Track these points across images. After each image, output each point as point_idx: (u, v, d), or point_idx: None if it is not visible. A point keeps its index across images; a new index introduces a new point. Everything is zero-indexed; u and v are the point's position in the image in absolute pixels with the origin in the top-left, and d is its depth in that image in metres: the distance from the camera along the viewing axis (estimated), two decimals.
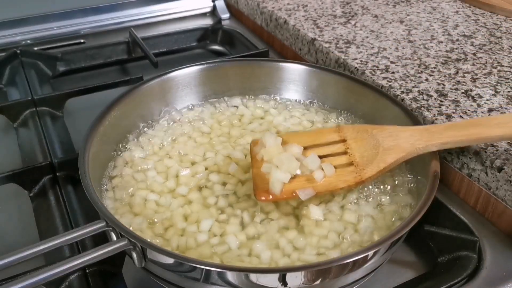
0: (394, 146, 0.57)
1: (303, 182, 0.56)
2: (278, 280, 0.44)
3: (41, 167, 0.64)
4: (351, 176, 0.56)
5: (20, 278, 0.42)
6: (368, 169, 0.56)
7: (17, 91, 0.86)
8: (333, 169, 0.56)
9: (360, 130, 0.60)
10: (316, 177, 0.55)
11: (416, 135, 0.57)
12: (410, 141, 0.56)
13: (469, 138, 0.55)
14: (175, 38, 1.00)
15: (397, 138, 0.57)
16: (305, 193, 0.54)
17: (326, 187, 0.56)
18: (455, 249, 0.56)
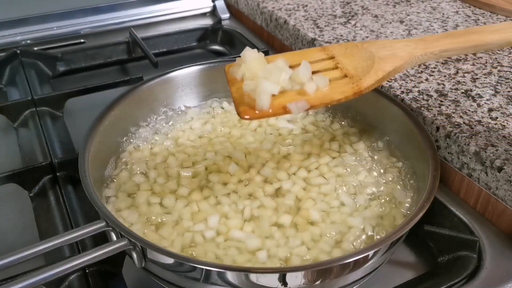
0: (390, 56, 0.54)
1: (294, 95, 0.51)
2: (278, 280, 0.44)
3: (41, 167, 0.64)
4: (348, 86, 0.52)
5: (20, 278, 0.42)
6: (365, 78, 0.53)
7: (17, 91, 0.86)
8: (327, 80, 0.52)
9: (349, 46, 0.57)
10: (309, 88, 0.51)
11: (412, 45, 0.55)
12: (407, 50, 0.54)
13: (467, 45, 0.54)
14: (175, 38, 1.00)
15: (392, 48, 0.55)
16: (298, 106, 0.50)
17: (321, 100, 0.51)
18: (455, 249, 0.56)
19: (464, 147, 0.60)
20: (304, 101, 0.50)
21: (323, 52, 0.57)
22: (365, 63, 0.54)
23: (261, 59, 0.52)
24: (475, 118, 0.64)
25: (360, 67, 0.54)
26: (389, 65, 0.53)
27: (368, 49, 0.55)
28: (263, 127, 0.70)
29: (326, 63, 0.55)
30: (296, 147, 0.65)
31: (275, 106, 0.50)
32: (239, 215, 0.55)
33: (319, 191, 0.59)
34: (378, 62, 0.53)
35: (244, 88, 0.51)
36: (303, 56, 0.56)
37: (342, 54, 0.56)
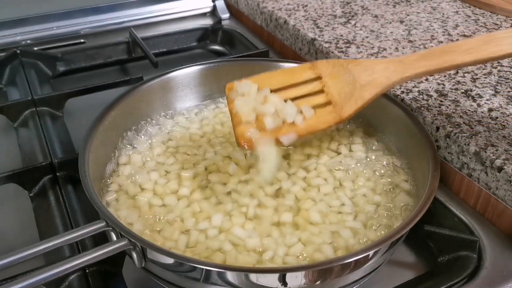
0: (371, 82, 0.57)
1: (285, 127, 0.57)
2: (278, 280, 0.44)
3: (41, 167, 0.64)
4: (331, 116, 0.58)
5: (20, 278, 0.42)
6: (346, 107, 0.57)
7: (17, 91, 0.86)
8: (312, 112, 0.58)
9: (335, 64, 0.60)
10: (297, 121, 0.57)
11: (391, 67, 0.57)
12: (385, 75, 0.57)
13: (442, 66, 0.56)
14: (175, 38, 1.00)
15: (373, 72, 0.58)
16: (289, 138, 0.57)
17: (307, 130, 0.57)
18: (455, 249, 0.56)
19: (464, 147, 0.60)
20: (293, 133, 0.57)
21: (311, 71, 0.61)
22: (347, 88, 0.58)
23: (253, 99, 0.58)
24: (475, 118, 0.64)
25: (343, 93, 0.58)
26: (368, 93, 0.57)
27: (352, 72, 0.59)
28: None
29: (313, 85, 0.60)
30: (296, 148, 0.65)
31: (269, 138, 0.57)
32: (241, 214, 0.55)
33: (319, 191, 0.59)
34: (359, 89, 0.57)
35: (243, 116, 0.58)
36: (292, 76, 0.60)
37: (329, 74, 0.60)
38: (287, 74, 0.61)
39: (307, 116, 0.58)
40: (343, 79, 0.59)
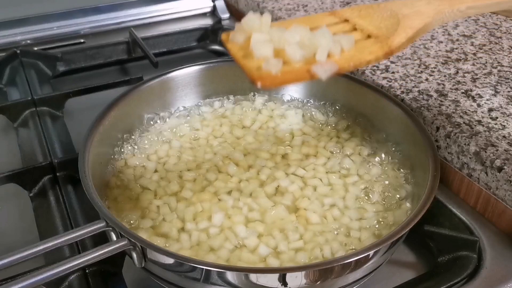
0: (415, 12, 0.48)
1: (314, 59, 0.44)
2: (278, 280, 0.44)
3: (41, 167, 0.64)
4: (376, 46, 0.47)
5: (20, 278, 0.42)
6: (394, 37, 0.47)
7: (17, 91, 0.86)
8: (352, 39, 0.46)
9: (363, 8, 0.51)
10: (334, 49, 0.45)
11: (436, 2, 0.49)
12: (432, 7, 0.49)
13: (492, 1, 0.50)
14: (175, 38, 1.00)
15: (414, 6, 0.49)
16: (325, 68, 0.43)
17: (349, 61, 0.45)
18: (455, 249, 0.56)
19: (464, 147, 0.60)
20: (331, 63, 0.43)
21: (333, 16, 0.51)
22: (387, 21, 0.48)
23: (267, 24, 0.47)
24: (475, 118, 0.64)
25: (384, 26, 0.48)
26: (417, 22, 0.47)
27: (388, 7, 0.49)
28: (263, 128, 0.70)
29: (341, 26, 0.49)
30: (294, 147, 0.65)
31: (297, 70, 0.43)
32: (241, 213, 0.56)
33: (317, 191, 0.59)
34: (404, 20, 0.48)
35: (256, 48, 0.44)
36: (312, 21, 0.50)
37: (357, 16, 0.50)
38: (306, 21, 0.50)
39: (345, 46, 0.45)
40: (377, 16, 0.49)
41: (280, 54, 0.44)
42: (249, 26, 0.47)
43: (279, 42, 0.45)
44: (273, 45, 0.45)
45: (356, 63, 0.45)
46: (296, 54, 0.44)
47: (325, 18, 0.51)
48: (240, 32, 0.47)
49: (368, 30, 0.48)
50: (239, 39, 0.47)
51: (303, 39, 0.45)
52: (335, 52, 0.44)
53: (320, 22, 0.49)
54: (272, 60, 0.43)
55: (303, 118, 0.71)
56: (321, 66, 0.43)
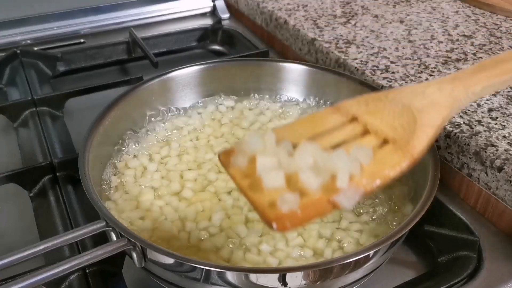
0: (429, 105, 0.43)
1: (332, 186, 0.39)
2: (278, 280, 0.44)
3: (41, 167, 0.64)
4: (397, 156, 0.41)
5: (20, 278, 0.42)
6: (413, 141, 0.41)
7: (17, 91, 0.86)
8: (370, 152, 0.41)
9: (369, 100, 0.46)
10: (353, 171, 0.39)
11: (447, 86, 0.45)
12: (445, 94, 0.44)
13: (506, 78, 0.45)
14: (175, 38, 1.00)
15: (425, 96, 0.44)
16: (349, 196, 0.38)
17: (372, 180, 0.39)
18: (455, 249, 0.56)
19: (464, 147, 0.60)
20: (355, 188, 0.38)
21: (339, 114, 0.45)
22: (402, 119, 0.43)
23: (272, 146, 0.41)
24: (475, 118, 0.64)
25: (399, 126, 0.43)
26: (435, 117, 0.42)
27: (397, 99, 0.44)
28: (263, 128, 0.70)
29: (351, 127, 0.43)
30: None
31: (317, 203, 0.38)
32: (241, 213, 0.56)
33: None
34: (420, 116, 0.42)
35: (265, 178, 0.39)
36: (316, 123, 0.45)
37: (365, 112, 0.44)
38: (306, 123, 0.45)
39: (365, 161, 0.40)
40: (389, 111, 0.44)
41: (292, 181, 0.39)
42: (251, 149, 0.41)
43: (289, 166, 0.39)
44: (284, 170, 0.39)
45: (379, 183, 0.40)
46: (313, 182, 0.38)
47: (330, 117, 0.45)
48: (241, 155, 0.42)
49: (383, 132, 0.43)
50: (242, 162, 0.42)
51: (316, 161, 0.39)
52: (355, 172, 0.39)
53: (325, 122, 0.44)
54: (287, 195, 0.38)
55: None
56: (344, 195, 0.38)
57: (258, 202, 0.39)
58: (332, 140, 0.43)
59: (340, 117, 0.45)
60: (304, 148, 0.40)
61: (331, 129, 0.44)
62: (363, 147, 0.41)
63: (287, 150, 0.41)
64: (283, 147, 0.41)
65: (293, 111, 0.72)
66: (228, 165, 0.43)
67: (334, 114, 0.46)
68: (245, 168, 0.41)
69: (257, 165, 0.40)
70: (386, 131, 0.43)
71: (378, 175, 0.40)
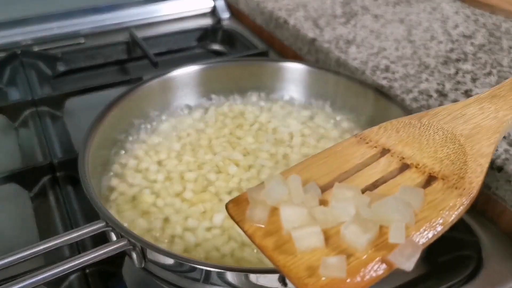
0: (476, 129, 0.38)
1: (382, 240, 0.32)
2: (278, 281, 0.44)
3: (41, 167, 0.64)
4: (453, 196, 0.35)
5: (20, 278, 0.42)
6: (469, 175, 0.36)
7: (17, 91, 0.86)
8: (422, 194, 0.34)
9: (399, 126, 0.39)
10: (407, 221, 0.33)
11: (489, 106, 0.40)
12: (490, 116, 0.39)
13: None
14: (175, 38, 1.00)
15: (467, 118, 0.39)
16: (407, 254, 0.31)
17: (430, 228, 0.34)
18: (455, 249, 0.56)
19: None
20: (412, 243, 0.32)
21: (365, 145, 0.38)
22: (447, 148, 0.37)
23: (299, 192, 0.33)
24: None
25: (445, 157, 0.36)
26: (486, 144, 0.37)
27: (435, 125, 0.38)
28: (263, 129, 0.70)
29: (384, 162, 0.36)
30: (294, 148, 0.65)
31: (367, 265, 0.30)
32: None
33: None
34: (468, 144, 0.37)
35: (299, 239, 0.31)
36: (343, 159, 0.37)
37: (398, 142, 0.38)
38: (329, 159, 0.37)
39: (417, 205, 0.33)
40: (428, 140, 0.38)
41: (330, 237, 0.31)
42: (272, 199, 0.33)
43: (326, 219, 0.31)
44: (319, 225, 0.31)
45: (439, 231, 0.35)
46: (361, 239, 0.30)
47: (356, 150, 0.38)
48: (259, 206, 0.34)
49: (426, 166, 0.36)
50: (261, 216, 0.33)
51: (359, 211, 0.32)
52: (410, 221, 0.32)
53: (351, 157, 0.37)
54: (331, 260, 0.30)
55: (303, 119, 0.71)
56: (401, 252, 0.31)
57: (291, 268, 0.31)
58: (366, 178, 0.36)
59: (369, 149, 0.38)
60: (341, 193, 0.33)
61: (360, 165, 0.37)
62: (412, 187, 0.34)
63: (316, 196, 0.33)
64: (312, 193, 0.33)
65: (293, 111, 0.72)
66: (241, 219, 0.34)
67: (360, 146, 0.39)
68: (265, 223, 0.33)
69: (282, 220, 0.32)
70: (430, 164, 0.36)
71: (436, 221, 0.34)
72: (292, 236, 0.31)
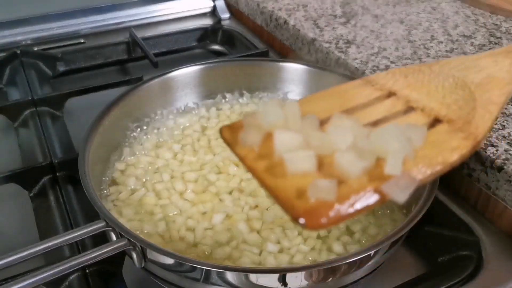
0: (488, 79, 0.37)
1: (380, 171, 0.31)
2: (278, 281, 0.44)
3: (41, 167, 0.64)
4: (457, 138, 0.34)
5: (20, 278, 0.42)
6: (477, 121, 0.34)
7: (17, 91, 0.86)
8: (424, 131, 0.33)
9: (408, 73, 0.38)
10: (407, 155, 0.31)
11: (504, 59, 0.38)
12: (503, 68, 0.38)
13: None
14: (175, 38, 1.00)
15: (480, 68, 0.38)
16: (402, 185, 0.30)
17: (430, 165, 0.32)
18: (455, 249, 0.56)
19: None
20: (409, 176, 0.30)
21: (371, 88, 0.38)
22: (456, 95, 0.36)
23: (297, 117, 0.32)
24: None
25: (453, 103, 0.36)
26: (498, 93, 0.36)
27: (446, 72, 0.38)
28: None
29: (390, 104, 0.35)
30: None
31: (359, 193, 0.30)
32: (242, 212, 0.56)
33: None
34: (478, 91, 0.36)
35: (291, 161, 0.30)
36: (348, 97, 0.37)
37: (406, 87, 0.37)
38: (333, 97, 0.38)
39: (418, 141, 0.32)
40: (437, 86, 0.37)
41: (325, 164, 0.30)
42: (268, 122, 0.32)
43: (321, 145, 0.30)
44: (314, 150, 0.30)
45: (438, 169, 0.32)
46: (355, 166, 0.30)
47: (361, 90, 0.37)
48: (253, 130, 0.33)
49: (433, 110, 0.35)
50: (254, 139, 0.33)
51: (357, 139, 0.31)
52: (409, 155, 0.31)
53: (356, 97, 0.36)
54: (321, 182, 0.29)
55: None
56: (396, 183, 0.30)
57: (280, 190, 0.30)
58: (367, 117, 0.34)
59: (374, 91, 0.37)
60: (339, 121, 0.32)
61: (364, 104, 0.36)
62: (414, 124, 0.33)
63: (314, 126, 0.32)
64: (309, 122, 0.32)
65: None
66: (234, 143, 0.34)
67: (366, 87, 0.38)
68: (258, 147, 0.33)
69: (276, 143, 0.31)
70: (437, 108, 0.35)
71: (434, 160, 0.32)
72: (284, 159, 0.30)
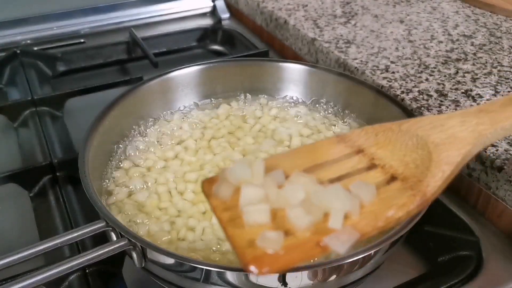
0: (449, 139, 0.39)
1: (323, 226, 0.34)
2: (278, 280, 0.44)
3: (41, 167, 0.64)
4: (406, 195, 0.36)
5: (20, 278, 0.42)
6: (427, 179, 0.37)
7: (17, 91, 0.86)
8: (373, 189, 0.36)
9: (379, 130, 0.42)
10: (351, 211, 0.35)
11: (472, 119, 0.40)
12: (469, 128, 0.40)
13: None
14: (175, 38, 1.00)
15: (445, 128, 0.39)
16: (342, 239, 0.33)
17: (372, 223, 0.34)
18: (455, 249, 0.56)
19: None
20: (350, 231, 0.33)
21: (343, 145, 0.41)
22: (415, 154, 0.38)
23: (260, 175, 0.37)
24: None
25: (411, 161, 0.38)
26: (454, 154, 0.38)
27: (412, 131, 0.39)
28: (262, 130, 0.69)
29: (355, 160, 0.39)
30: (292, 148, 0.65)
31: (304, 245, 0.33)
32: None
33: None
34: (436, 152, 0.38)
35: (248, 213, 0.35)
36: (317, 153, 0.40)
37: (374, 144, 0.40)
38: (307, 152, 0.41)
39: (366, 198, 0.35)
40: (401, 144, 0.39)
41: (279, 217, 0.34)
42: (236, 179, 0.37)
43: (277, 200, 0.35)
44: (270, 205, 0.35)
45: (380, 225, 0.34)
46: (302, 220, 0.33)
47: (334, 147, 0.40)
48: (225, 184, 0.37)
49: (391, 167, 0.38)
50: (225, 193, 0.37)
51: (309, 196, 0.35)
52: (353, 211, 0.34)
53: (328, 153, 0.40)
54: (269, 233, 0.33)
55: (302, 119, 0.71)
56: (337, 237, 0.33)
57: (236, 239, 0.34)
58: (332, 173, 0.38)
59: (345, 148, 0.40)
60: (295, 179, 0.36)
61: (333, 161, 0.40)
62: (365, 182, 0.36)
63: (277, 182, 0.36)
64: (273, 178, 0.36)
65: (292, 112, 0.72)
66: (210, 194, 0.38)
67: (339, 144, 0.41)
68: (228, 199, 0.37)
69: (241, 197, 0.35)
70: (395, 166, 0.38)
71: (380, 216, 0.35)
72: (243, 211, 0.35)
